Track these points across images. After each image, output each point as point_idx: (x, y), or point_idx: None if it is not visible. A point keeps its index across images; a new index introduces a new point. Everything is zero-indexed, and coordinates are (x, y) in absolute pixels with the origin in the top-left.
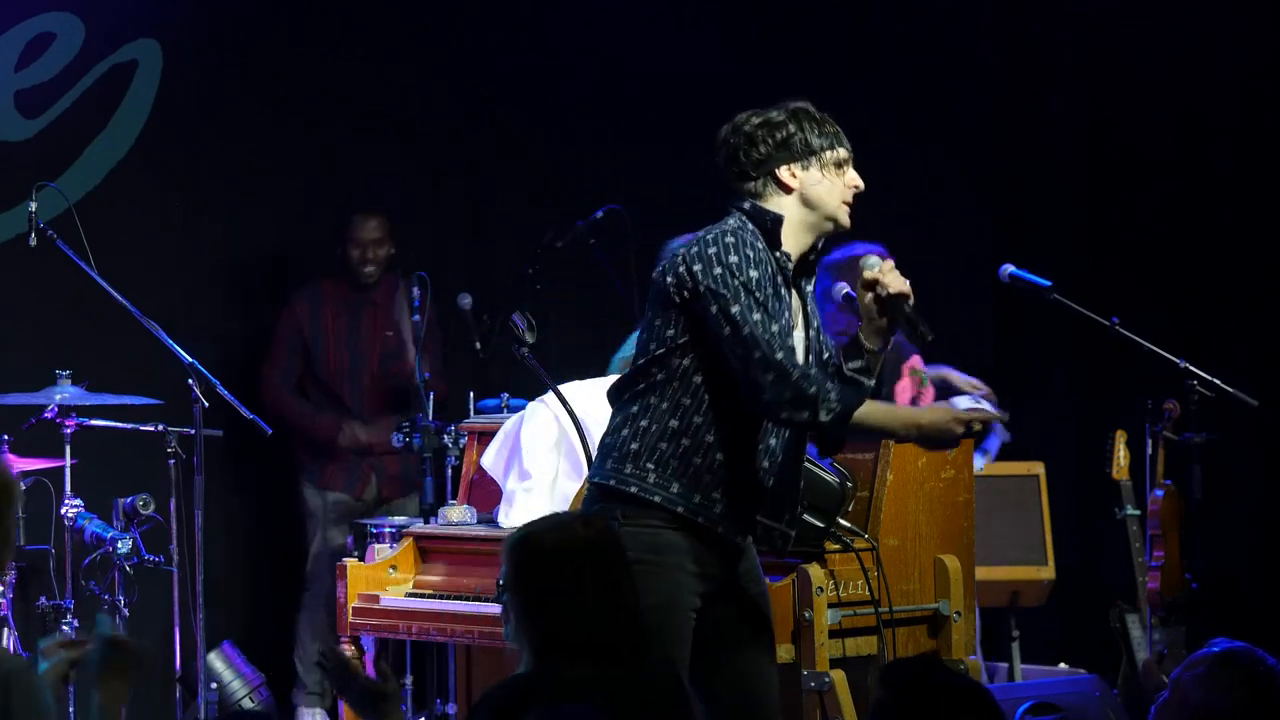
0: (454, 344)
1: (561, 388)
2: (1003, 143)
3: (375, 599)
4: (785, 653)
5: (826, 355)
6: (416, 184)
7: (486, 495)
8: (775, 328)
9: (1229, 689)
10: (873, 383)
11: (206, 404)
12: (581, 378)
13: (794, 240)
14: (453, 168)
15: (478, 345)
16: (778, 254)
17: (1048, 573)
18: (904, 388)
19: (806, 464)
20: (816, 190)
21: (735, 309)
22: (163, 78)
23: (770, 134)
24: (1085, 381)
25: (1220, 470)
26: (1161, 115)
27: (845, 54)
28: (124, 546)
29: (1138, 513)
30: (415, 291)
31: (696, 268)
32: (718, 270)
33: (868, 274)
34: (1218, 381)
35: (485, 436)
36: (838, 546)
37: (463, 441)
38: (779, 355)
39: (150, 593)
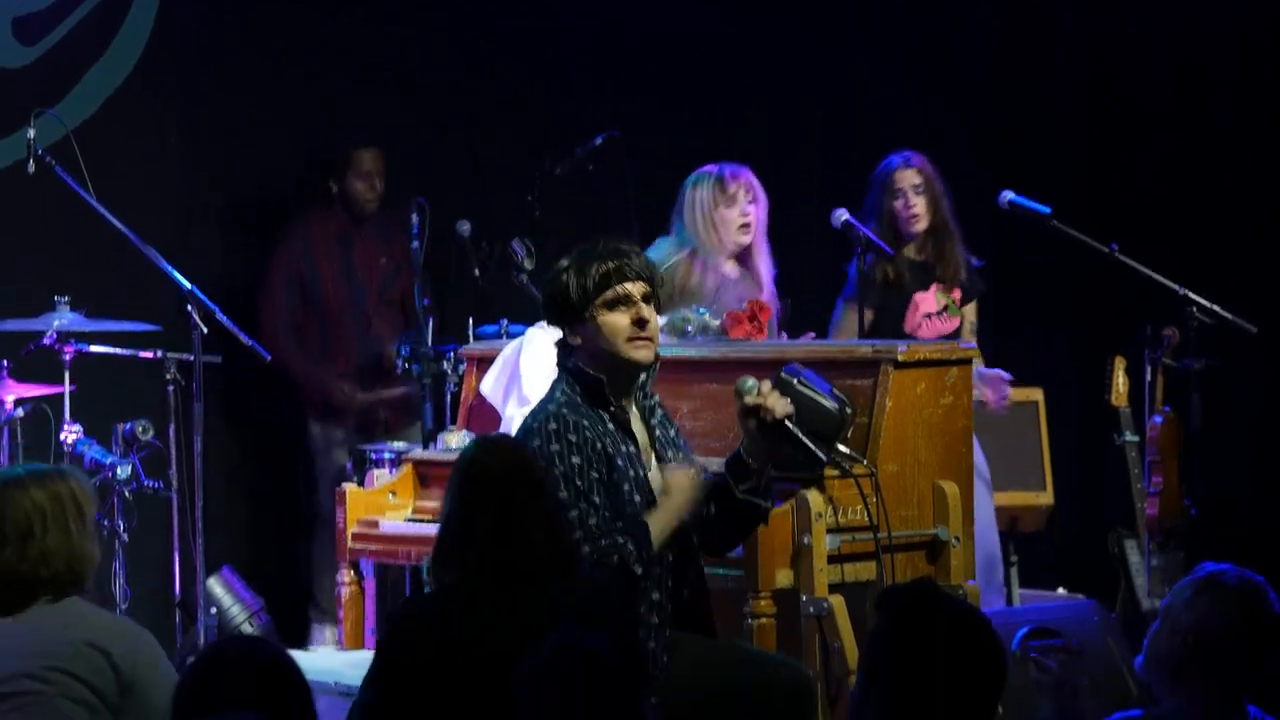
0: (453, 271)
1: None
2: (1003, 95)
3: (374, 524)
4: (784, 578)
5: (701, 476)
6: (416, 114)
7: (486, 421)
8: (592, 521)
9: (1219, 610)
10: (769, 504)
11: (205, 330)
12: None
13: (620, 385)
14: (452, 116)
15: (476, 272)
16: (611, 409)
17: (1046, 499)
18: (925, 302)
19: (805, 389)
20: (600, 344)
21: (562, 495)
22: (161, 3)
23: (549, 290)
24: (1084, 307)
25: (1219, 396)
26: (1161, 66)
27: (845, 8)
28: (123, 472)
29: (1136, 439)
30: (414, 218)
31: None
32: (543, 463)
33: (748, 400)
34: (1217, 308)
35: (484, 362)
36: (836, 472)
37: (462, 367)
38: (586, 548)
39: (149, 518)
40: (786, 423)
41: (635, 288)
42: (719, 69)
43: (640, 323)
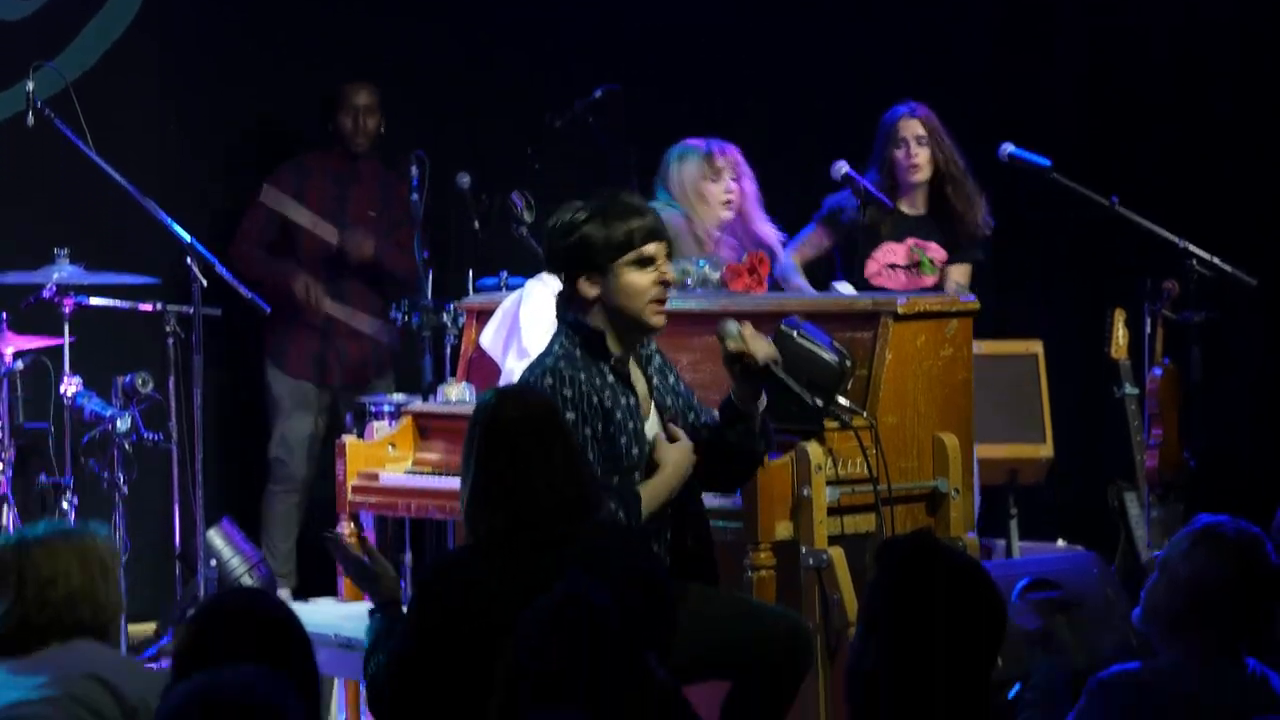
0: (453, 223)
1: None
2: (1003, 86)
3: (374, 476)
4: (784, 530)
5: (692, 418)
6: (414, 62)
7: (485, 373)
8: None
9: (1216, 562)
10: (763, 447)
11: (205, 283)
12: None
13: (621, 341)
14: (453, 64)
15: (476, 224)
16: (611, 362)
17: (1046, 451)
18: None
19: (804, 342)
20: (616, 300)
21: None
22: None
23: (565, 238)
24: (1084, 260)
25: (1218, 349)
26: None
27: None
28: (123, 424)
29: (1136, 391)
30: (413, 170)
31: None
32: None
33: (730, 345)
34: (1217, 260)
35: (484, 315)
36: (836, 424)
37: (461, 320)
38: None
39: (149, 470)
40: (771, 367)
41: (660, 249)
42: (719, 60)
43: (665, 284)
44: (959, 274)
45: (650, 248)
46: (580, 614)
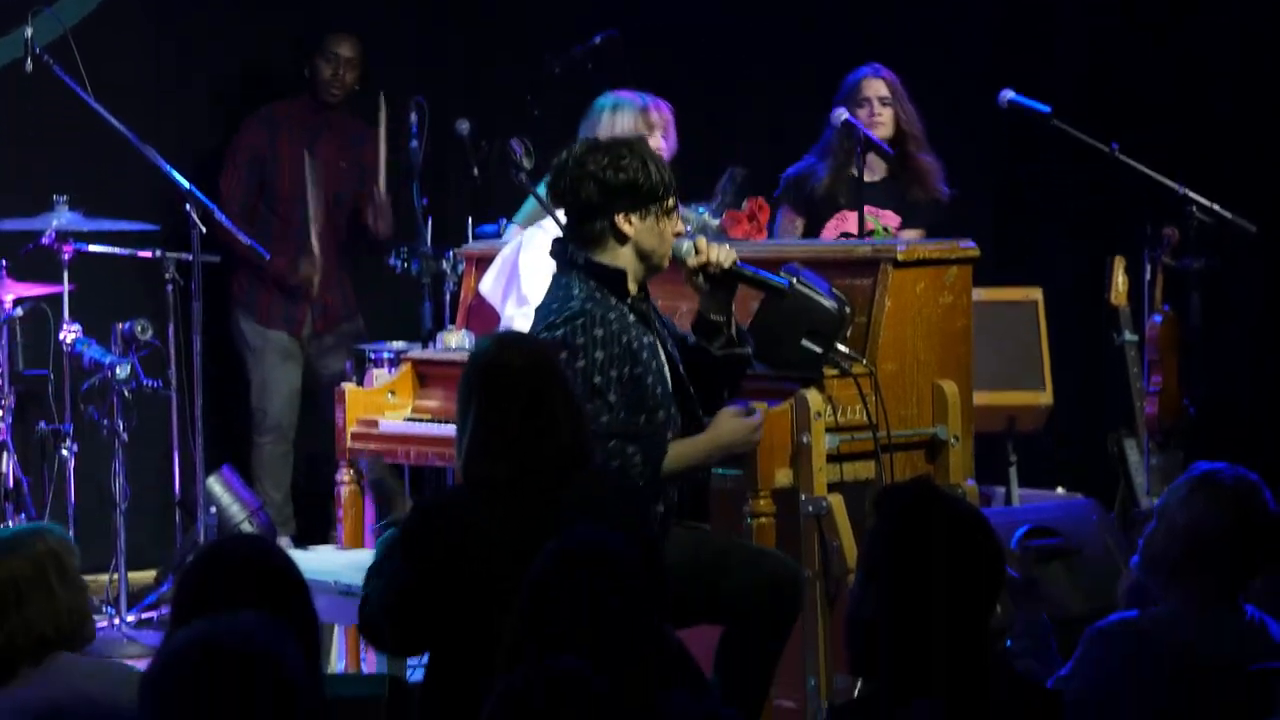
0: (452, 170)
1: (560, 213)
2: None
3: (374, 424)
4: (783, 477)
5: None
6: (414, 8)
7: (484, 321)
8: (604, 419)
9: (1214, 509)
10: (748, 349)
11: (204, 230)
12: None
13: (635, 282)
14: (451, 14)
15: (475, 171)
16: (628, 302)
17: (1045, 398)
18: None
19: (803, 288)
20: (649, 242)
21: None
22: None
23: (616, 174)
24: (1084, 207)
25: (1218, 296)
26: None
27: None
28: (122, 371)
29: (1136, 338)
30: (412, 117)
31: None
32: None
33: (691, 261)
34: (1217, 207)
35: (483, 262)
36: (836, 371)
37: (461, 267)
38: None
39: (149, 418)
40: (736, 267)
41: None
42: (719, 7)
43: (677, 235)
44: (913, 239)
45: (674, 199)
46: (593, 560)
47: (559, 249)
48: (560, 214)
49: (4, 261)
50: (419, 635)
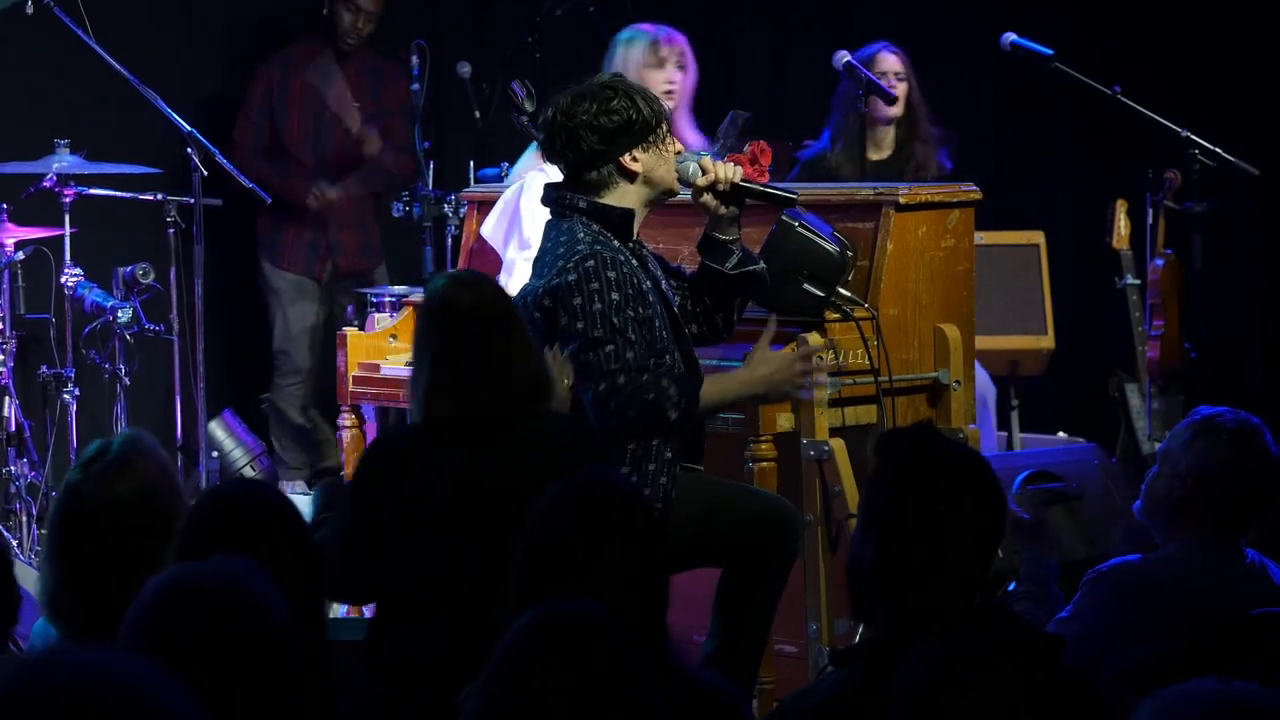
0: (453, 113)
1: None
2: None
3: (375, 368)
4: (785, 422)
5: (680, 301)
6: None
7: (486, 264)
8: (630, 355)
9: (1216, 453)
10: (761, 265)
11: (205, 173)
12: None
13: (639, 221)
14: None
15: (477, 114)
16: (631, 245)
17: (1047, 342)
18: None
19: (805, 232)
20: (659, 171)
21: (597, 333)
22: None
23: (609, 118)
24: (1086, 151)
25: (1220, 239)
26: None
27: None
28: (124, 315)
29: (1138, 282)
30: (414, 60)
31: (563, 321)
32: (581, 323)
33: (700, 182)
34: (1219, 150)
35: (485, 205)
36: (837, 315)
37: (463, 210)
38: (621, 379)
39: (151, 362)
40: (742, 182)
41: None
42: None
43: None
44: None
45: (668, 121)
46: (604, 498)
47: (553, 195)
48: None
49: (5, 205)
50: (374, 580)
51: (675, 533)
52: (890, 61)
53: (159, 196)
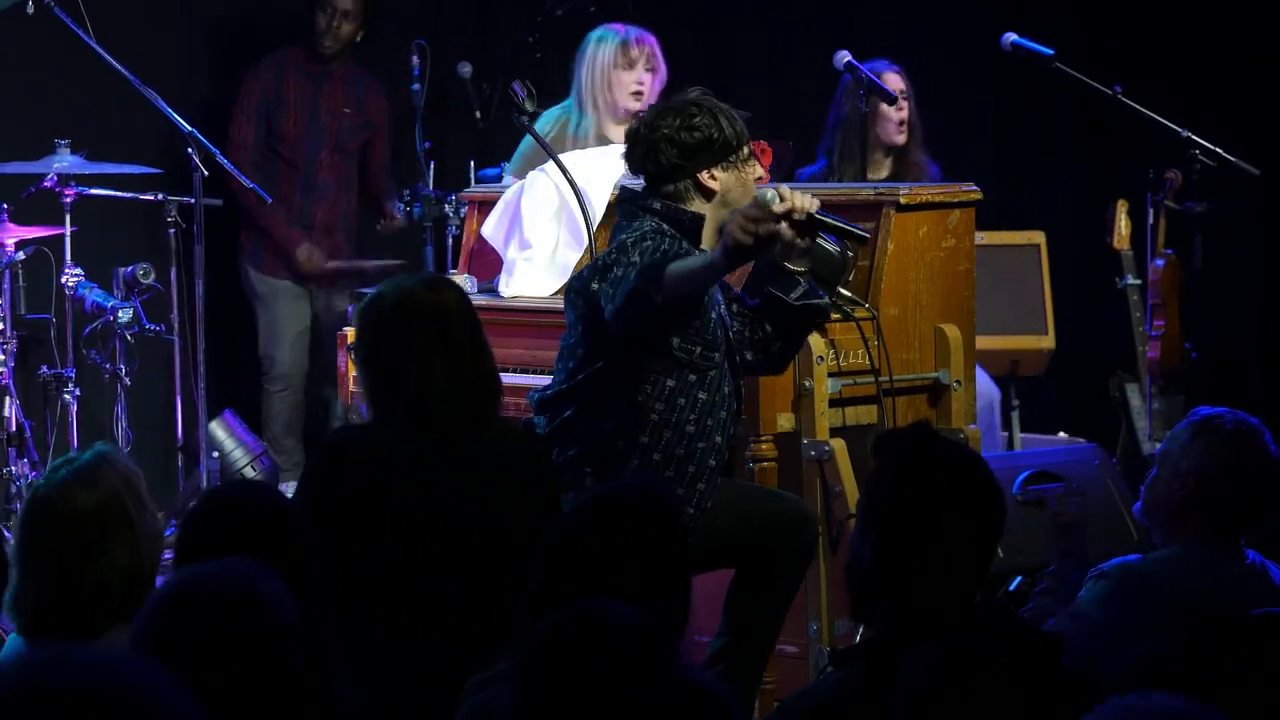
0: (454, 113)
1: (562, 156)
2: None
3: None
4: (786, 421)
5: (738, 328)
6: None
7: (487, 264)
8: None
9: (1215, 453)
10: (825, 299)
11: (206, 173)
12: (583, 147)
13: (708, 240)
14: None
15: (477, 114)
16: (698, 250)
17: (1048, 342)
18: None
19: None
20: (735, 192)
21: (616, 272)
22: None
23: (690, 134)
24: (1087, 151)
25: (1220, 240)
26: None
27: None
28: (125, 315)
29: (1138, 282)
30: (414, 60)
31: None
32: (635, 258)
33: (777, 208)
34: (1219, 150)
35: (486, 206)
36: (838, 315)
37: (463, 211)
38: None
39: (151, 362)
40: (818, 214)
41: None
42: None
43: (758, 180)
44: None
45: (749, 146)
46: (627, 504)
47: (627, 196)
48: (563, 156)
49: (6, 205)
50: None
51: (703, 539)
52: (895, 80)
53: (159, 196)
